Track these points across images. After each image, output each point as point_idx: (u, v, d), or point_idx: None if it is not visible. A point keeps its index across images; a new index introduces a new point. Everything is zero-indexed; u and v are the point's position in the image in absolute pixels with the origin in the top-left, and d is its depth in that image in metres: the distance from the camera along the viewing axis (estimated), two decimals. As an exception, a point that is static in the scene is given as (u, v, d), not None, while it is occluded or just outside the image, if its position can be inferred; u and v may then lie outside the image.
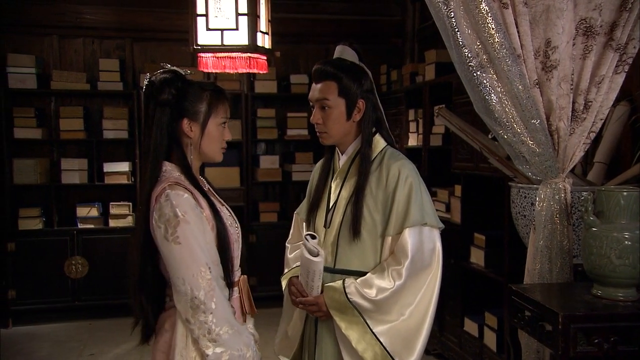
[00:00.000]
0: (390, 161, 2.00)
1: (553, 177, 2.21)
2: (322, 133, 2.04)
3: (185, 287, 1.62)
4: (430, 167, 4.35)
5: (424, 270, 1.92)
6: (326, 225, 2.05)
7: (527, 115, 2.13)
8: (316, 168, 2.23)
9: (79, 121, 5.15)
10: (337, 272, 2.00)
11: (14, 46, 5.19)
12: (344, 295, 1.90)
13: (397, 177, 1.95)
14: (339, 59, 2.05)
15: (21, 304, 4.99)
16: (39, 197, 5.20)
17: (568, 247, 2.22)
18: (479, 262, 3.67)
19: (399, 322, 1.89)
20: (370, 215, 1.97)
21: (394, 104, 4.90)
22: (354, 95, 2.00)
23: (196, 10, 3.35)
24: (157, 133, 1.74)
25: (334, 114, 2.00)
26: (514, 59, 2.10)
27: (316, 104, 2.02)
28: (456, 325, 3.90)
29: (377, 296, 1.88)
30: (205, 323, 1.61)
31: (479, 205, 3.75)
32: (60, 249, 5.04)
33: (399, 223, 1.93)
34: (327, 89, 1.99)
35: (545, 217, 2.21)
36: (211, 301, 1.62)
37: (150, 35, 5.45)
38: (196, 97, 1.79)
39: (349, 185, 2.03)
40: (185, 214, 1.64)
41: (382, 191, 1.97)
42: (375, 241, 1.97)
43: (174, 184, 1.70)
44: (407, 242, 1.91)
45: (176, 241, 1.63)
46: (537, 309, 1.96)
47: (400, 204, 1.94)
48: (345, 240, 1.99)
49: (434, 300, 1.93)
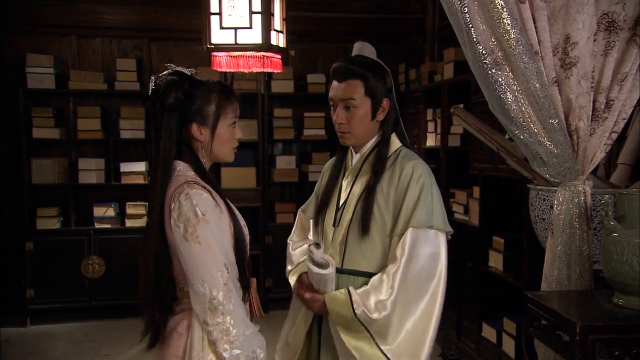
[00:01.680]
0: (404, 160, 1.95)
1: (572, 179, 2.11)
2: (345, 133, 1.98)
3: (204, 288, 1.58)
4: (448, 168, 4.26)
5: (426, 276, 1.85)
6: (335, 224, 2.00)
7: (545, 114, 2.04)
8: (326, 167, 2.18)
9: (96, 121, 5.16)
10: (344, 273, 1.94)
11: (33, 46, 5.21)
12: (351, 311, 1.83)
13: (410, 177, 1.90)
14: (361, 56, 1.99)
15: (39, 303, 5.01)
16: (57, 196, 5.22)
17: (588, 252, 2.12)
18: (497, 266, 3.57)
19: (404, 336, 1.83)
20: (380, 214, 1.91)
21: (412, 103, 4.81)
22: (380, 94, 1.95)
23: (210, 9, 3.31)
24: (165, 139, 1.71)
25: (359, 113, 1.94)
26: (531, 56, 2.01)
27: (340, 103, 1.96)
28: (474, 331, 3.80)
29: (380, 314, 1.81)
30: (223, 325, 1.58)
31: (498, 207, 3.65)
32: (77, 248, 5.06)
33: (405, 224, 1.87)
34: (352, 88, 1.93)
35: (563, 221, 2.12)
36: (229, 302, 1.59)
37: (168, 34, 5.43)
38: (204, 99, 1.74)
39: (361, 183, 1.97)
40: (206, 214, 1.62)
41: (393, 190, 1.91)
42: (384, 241, 1.91)
43: (192, 183, 1.67)
44: (407, 243, 1.84)
45: (196, 241, 1.59)
46: (553, 318, 1.87)
47: (409, 203, 1.88)
48: (354, 239, 1.93)
49: (438, 308, 1.86)
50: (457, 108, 2.73)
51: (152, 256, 1.67)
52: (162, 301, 1.70)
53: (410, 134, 4.84)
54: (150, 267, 1.68)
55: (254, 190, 5.28)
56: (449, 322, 4.08)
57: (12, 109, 5.03)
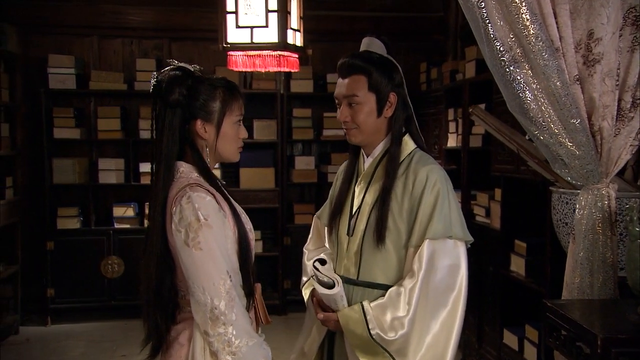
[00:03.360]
0: (418, 165, 1.84)
1: (595, 182, 2.01)
2: (350, 129, 1.89)
3: (205, 296, 1.52)
4: (469, 169, 4.15)
5: (445, 288, 1.76)
6: (349, 232, 1.91)
7: (566, 114, 1.94)
8: (340, 171, 2.09)
9: (116, 121, 5.17)
10: (360, 285, 1.86)
11: (56, 47, 5.24)
12: (367, 332, 1.75)
13: (424, 183, 1.80)
14: (367, 52, 1.91)
15: (59, 302, 5.04)
16: (77, 196, 5.25)
17: (612, 259, 2.01)
18: (519, 271, 3.46)
19: (425, 351, 1.74)
20: (395, 223, 1.81)
21: (434, 103, 4.72)
22: (385, 89, 1.85)
23: (226, 8, 3.27)
24: (168, 136, 1.64)
25: (363, 110, 1.85)
26: (552, 53, 1.92)
27: (344, 100, 1.88)
28: (495, 337, 3.70)
29: (397, 333, 1.73)
30: (225, 335, 1.51)
31: (520, 210, 3.54)
32: (96, 248, 5.07)
33: (421, 234, 1.78)
34: (355, 84, 1.85)
35: (586, 226, 2.02)
36: (232, 312, 1.52)
37: (188, 34, 5.42)
38: (208, 95, 1.67)
39: (374, 189, 1.88)
40: (208, 218, 1.55)
41: (407, 198, 1.81)
42: (400, 252, 1.82)
43: (194, 185, 1.60)
44: (424, 256, 1.75)
45: (197, 247, 1.53)
46: (574, 329, 1.77)
47: (424, 212, 1.78)
48: (369, 249, 1.84)
49: (459, 320, 1.76)
50: (476, 108, 2.64)
51: (154, 261, 1.61)
52: (164, 308, 1.63)
53: (432, 135, 4.75)
54: (152, 272, 1.62)
55: (272, 191, 5.23)
56: (470, 327, 3.98)
57: (35, 109, 5.08)
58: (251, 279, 1.68)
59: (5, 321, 4.69)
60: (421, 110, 4.96)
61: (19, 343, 4.64)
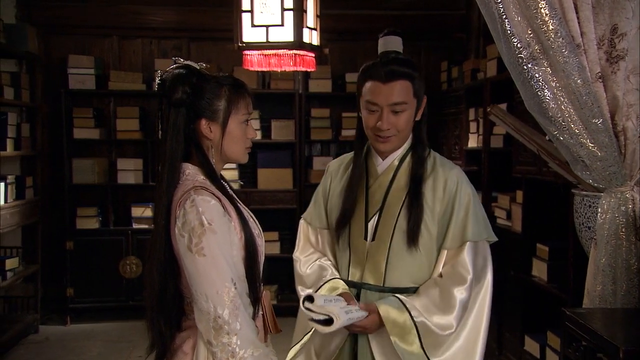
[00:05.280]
0: (445, 168, 1.84)
1: (618, 185, 1.92)
2: (390, 137, 1.81)
3: (208, 304, 1.47)
4: (490, 171, 4.06)
5: (477, 286, 1.80)
6: (366, 237, 1.84)
7: (587, 113, 1.86)
8: (332, 170, 2.00)
9: (135, 121, 5.17)
10: (387, 291, 1.80)
11: (77, 48, 5.27)
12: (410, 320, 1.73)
13: (456, 186, 1.80)
14: (396, 52, 1.84)
15: (78, 302, 5.06)
16: (96, 196, 5.26)
17: (637, 266, 1.92)
18: (541, 276, 3.36)
19: (454, 350, 1.77)
20: (426, 227, 1.78)
21: (454, 102, 4.63)
22: (423, 93, 1.84)
23: (241, 6, 3.23)
24: (172, 136, 1.58)
25: (406, 116, 1.80)
26: (572, 49, 1.84)
27: (387, 107, 1.78)
28: (516, 344, 3.60)
29: (444, 331, 1.75)
30: (228, 345, 1.46)
31: (543, 213, 3.45)
32: (115, 248, 5.08)
33: (459, 236, 1.79)
34: (404, 91, 1.78)
35: (608, 231, 1.93)
36: (236, 321, 1.46)
37: (207, 34, 5.40)
38: (213, 93, 1.61)
39: (398, 191, 1.82)
40: (212, 223, 1.49)
41: (439, 201, 1.80)
42: (430, 255, 1.81)
43: (199, 188, 1.54)
44: (469, 258, 1.77)
45: (200, 253, 1.47)
46: (594, 340, 1.68)
47: (459, 215, 1.79)
48: (399, 253, 1.79)
49: (486, 319, 1.82)
50: (494, 107, 2.55)
51: (157, 266, 1.56)
52: (168, 314, 1.58)
53: (452, 135, 4.66)
54: (155, 278, 1.57)
55: (290, 191, 5.18)
56: (490, 333, 3.80)
57: (55, 109, 5.12)
58: (258, 286, 1.62)
59: (25, 320, 4.72)
60: (441, 110, 4.88)
61: (38, 342, 4.66)
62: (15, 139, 4.59)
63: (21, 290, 4.95)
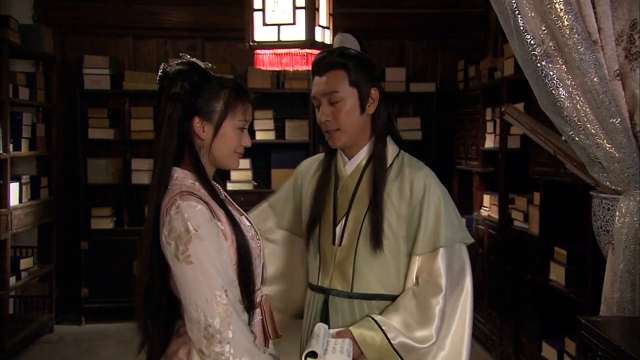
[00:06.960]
0: (413, 170, 1.77)
1: (637, 187, 1.84)
2: (333, 131, 1.76)
3: (198, 313, 1.42)
4: (507, 172, 3.98)
5: (455, 291, 1.74)
6: (334, 242, 1.79)
7: (604, 112, 1.78)
8: (303, 170, 1.96)
9: (150, 121, 5.17)
10: (355, 297, 1.75)
11: (92, 48, 5.29)
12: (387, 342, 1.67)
13: (424, 190, 1.74)
14: (342, 48, 1.81)
15: (93, 302, 5.07)
16: (111, 196, 5.28)
17: (657, 273, 1.83)
18: (559, 280, 3.27)
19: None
20: (391, 230, 1.73)
21: (471, 102, 4.55)
22: (367, 83, 1.76)
23: (253, 5, 3.20)
24: (166, 132, 1.54)
25: (346, 106, 1.74)
26: (589, 46, 1.76)
27: (323, 99, 1.75)
28: (533, 350, 3.51)
29: (424, 344, 1.70)
30: (221, 355, 1.42)
31: (561, 215, 3.36)
32: (129, 248, 5.06)
33: (430, 242, 1.72)
34: (335, 80, 1.74)
35: (627, 236, 1.85)
36: (228, 329, 1.42)
37: (222, 34, 5.39)
38: (212, 94, 1.57)
39: (364, 194, 1.77)
40: (199, 229, 1.44)
41: (405, 205, 1.73)
42: (398, 260, 1.75)
43: (185, 194, 1.49)
44: (443, 265, 1.71)
45: (188, 260, 1.43)
46: (610, 350, 1.60)
47: (429, 219, 1.73)
48: (365, 257, 1.74)
49: (469, 322, 1.74)
50: (509, 106, 2.48)
51: (145, 265, 1.51)
52: (155, 314, 1.53)
53: (468, 135, 4.57)
54: (142, 277, 1.53)
55: (304, 192, 5.13)
56: (507, 338, 3.79)
57: (70, 109, 5.14)
58: (253, 291, 1.56)
59: (40, 320, 4.75)
60: (458, 110, 4.79)
61: (53, 342, 4.69)
62: (30, 139, 4.62)
63: (36, 290, 4.97)
